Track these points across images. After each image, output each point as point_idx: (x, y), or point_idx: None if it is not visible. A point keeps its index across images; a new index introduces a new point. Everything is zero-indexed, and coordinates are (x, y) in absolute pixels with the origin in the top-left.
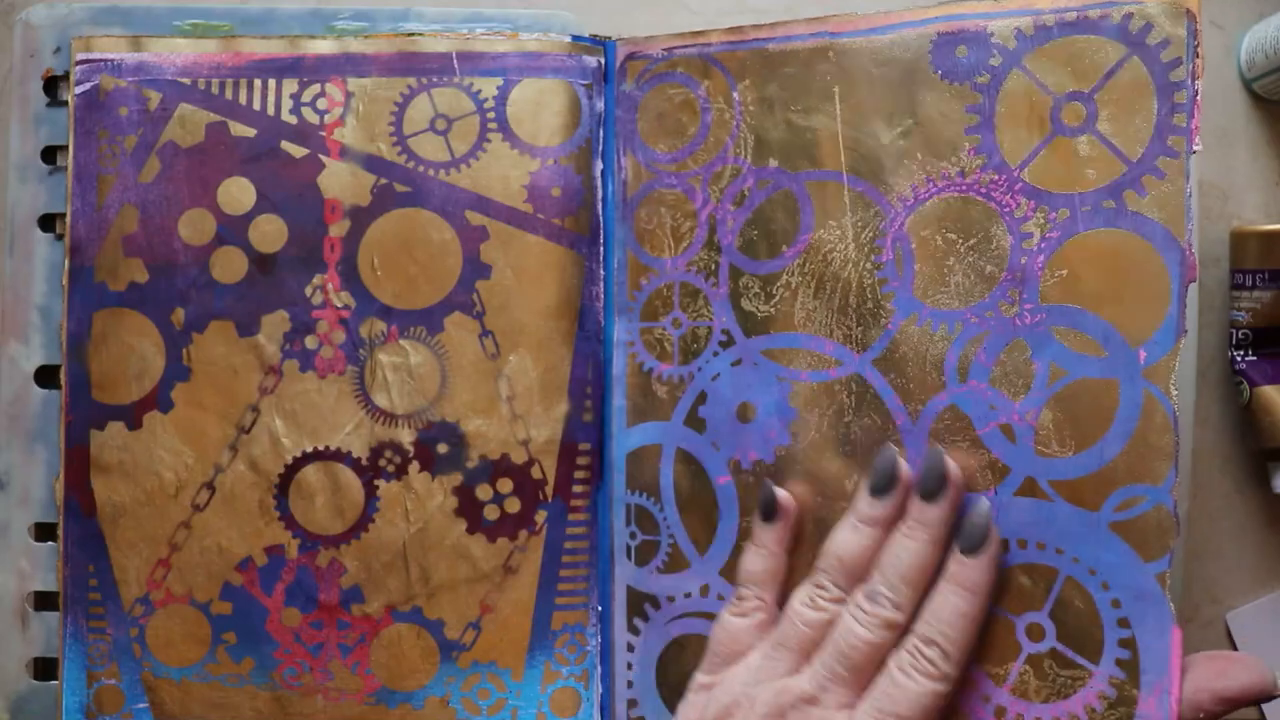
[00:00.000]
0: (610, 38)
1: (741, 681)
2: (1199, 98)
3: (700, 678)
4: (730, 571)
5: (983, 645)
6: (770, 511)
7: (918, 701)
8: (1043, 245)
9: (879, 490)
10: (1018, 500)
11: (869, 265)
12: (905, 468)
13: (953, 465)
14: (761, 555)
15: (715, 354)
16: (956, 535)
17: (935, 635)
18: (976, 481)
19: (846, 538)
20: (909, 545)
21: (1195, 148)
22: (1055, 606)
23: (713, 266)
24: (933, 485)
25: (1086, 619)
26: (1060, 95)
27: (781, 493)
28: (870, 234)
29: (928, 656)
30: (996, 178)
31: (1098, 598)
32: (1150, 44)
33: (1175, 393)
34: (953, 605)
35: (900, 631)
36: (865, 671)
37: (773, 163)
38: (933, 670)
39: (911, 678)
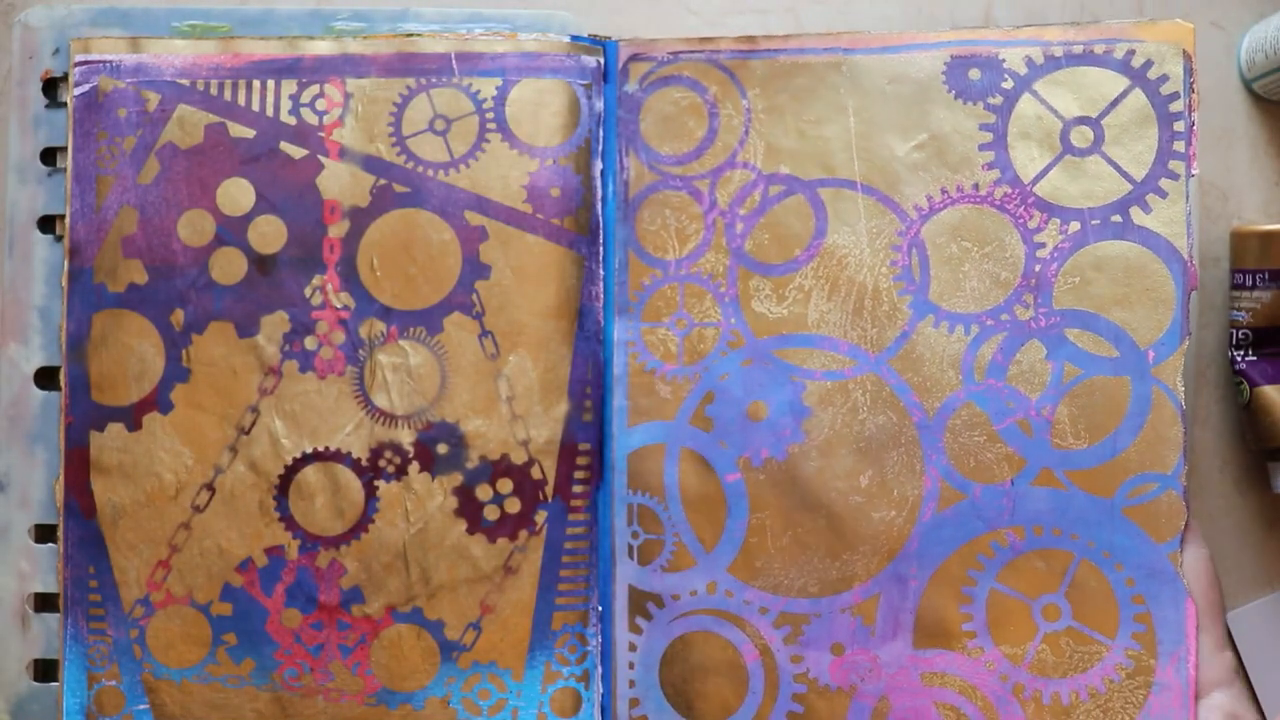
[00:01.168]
0: (610, 37)
1: None
2: (1195, 127)
3: None
4: (738, 568)
5: (1000, 627)
6: None
7: None
8: (1055, 254)
9: None
10: (1034, 489)
11: (885, 270)
12: None
13: None
14: None
15: (723, 354)
16: None
17: None
18: (1000, 470)
19: None
20: None
21: (1194, 171)
22: (1070, 588)
23: (720, 269)
24: None
25: (1101, 598)
26: (1069, 119)
27: None
28: (886, 240)
29: None
30: (1010, 191)
31: (1112, 578)
32: (1151, 78)
33: (1182, 389)
34: None
35: None
36: None
37: (784, 169)
38: None
39: None
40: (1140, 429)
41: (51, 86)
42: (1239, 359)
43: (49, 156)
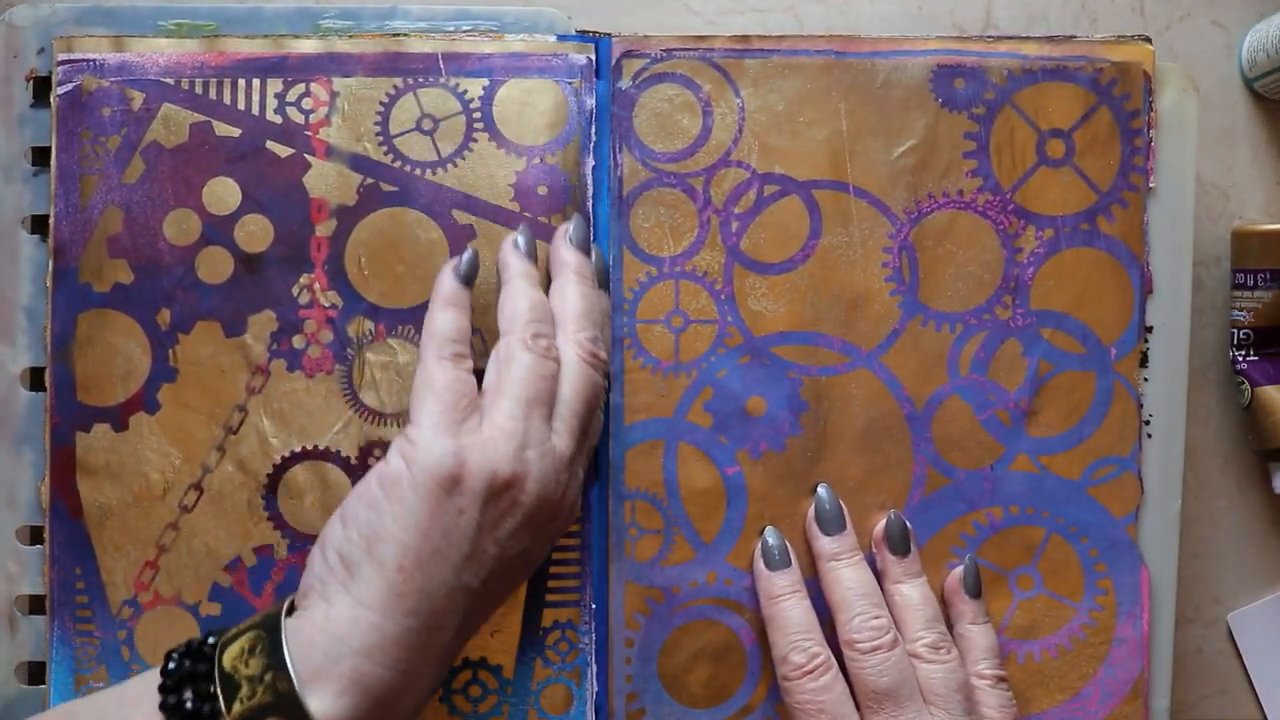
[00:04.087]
0: (604, 34)
1: (513, 449)
2: (1153, 144)
3: (449, 440)
4: (738, 556)
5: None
6: (471, 276)
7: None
8: (1031, 259)
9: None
10: (1011, 473)
11: (876, 270)
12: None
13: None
14: (461, 313)
15: (721, 351)
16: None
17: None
18: (982, 457)
19: (537, 296)
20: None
21: (1151, 184)
22: (1041, 559)
23: (716, 267)
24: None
25: (1068, 567)
26: (1045, 131)
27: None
28: (877, 242)
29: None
30: (992, 198)
31: (1077, 549)
32: (1116, 95)
33: (1143, 381)
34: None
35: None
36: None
37: (779, 169)
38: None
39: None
40: (1103, 418)
41: (43, 86)
42: (1240, 359)
43: (37, 156)
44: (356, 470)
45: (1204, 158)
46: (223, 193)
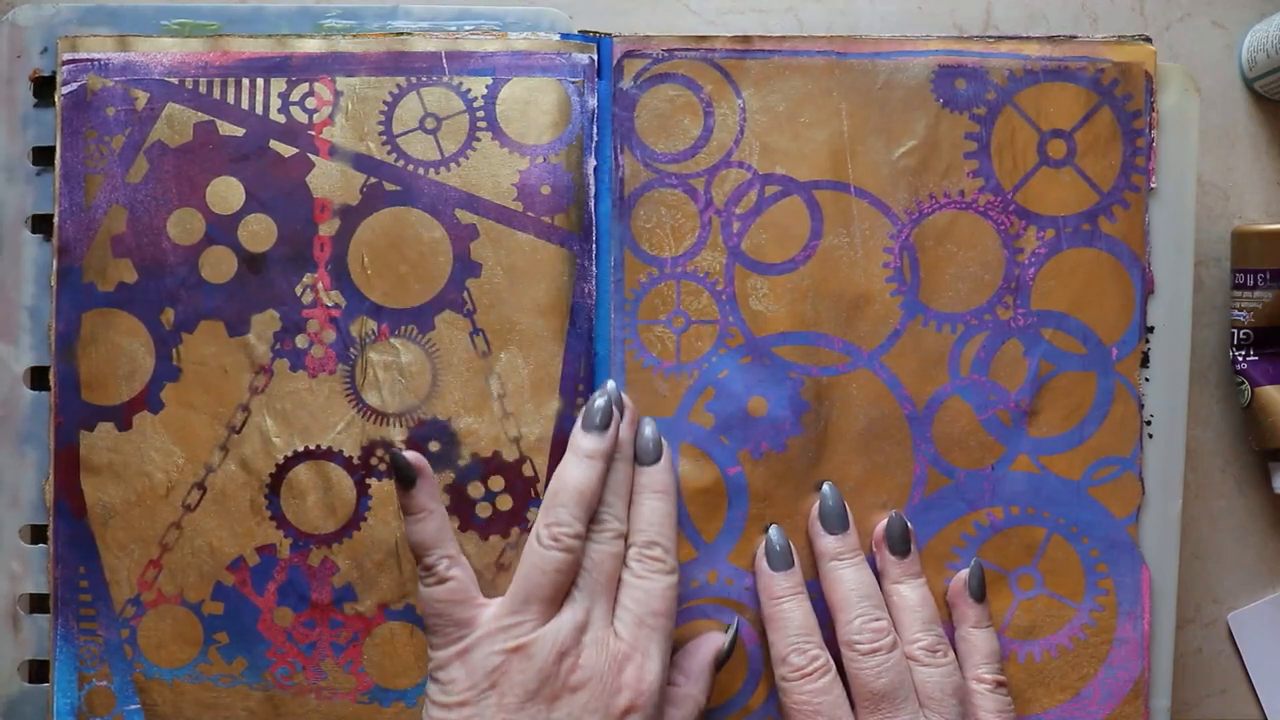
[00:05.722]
0: (605, 34)
1: (500, 643)
2: (1154, 144)
3: (441, 654)
4: (738, 556)
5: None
6: (409, 478)
7: (662, 595)
8: (1033, 259)
9: (600, 427)
10: (1012, 473)
11: (878, 271)
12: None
13: (625, 399)
14: (424, 518)
15: (722, 351)
16: (636, 455)
17: (653, 537)
18: (982, 457)
19: (580, 474)
20: (620, 469)
21: (1152, 184)
22: (1042, 560)
23: (717, 267)
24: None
25: (1069, 567)
26: (1046, 131)
27: (410, 454)
28: (878, 243)
29: (654, 555)
30: (993, 199)
31: (1078, 550)
32: (1117, 95)
33: (1144, 382)
34: (652, 508)
35: (625, 540)
36: (615, 583)
37: (780, 170)
38: (663, 566)
39: (649, 578)
40: (1104, 418)
41: (45, 86)
42: (1240, 359)
43: (40, 156)
44: (358, 470)
45: (1204, 158)
46: (226, 192)
